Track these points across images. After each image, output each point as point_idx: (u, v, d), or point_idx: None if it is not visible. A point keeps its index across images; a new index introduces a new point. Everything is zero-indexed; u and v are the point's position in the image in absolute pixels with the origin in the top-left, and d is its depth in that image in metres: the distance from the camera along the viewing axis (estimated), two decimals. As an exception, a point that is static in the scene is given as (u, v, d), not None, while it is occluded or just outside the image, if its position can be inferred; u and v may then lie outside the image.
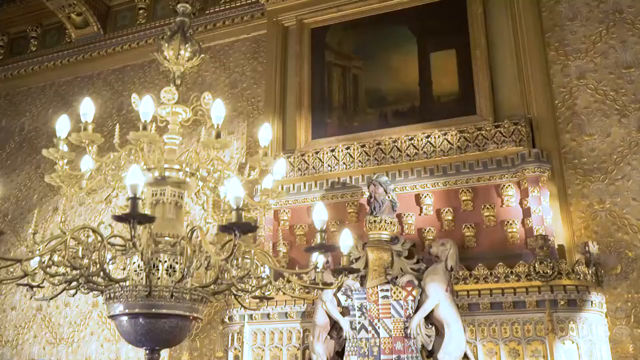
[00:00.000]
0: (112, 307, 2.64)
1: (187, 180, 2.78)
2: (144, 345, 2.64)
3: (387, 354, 5.46)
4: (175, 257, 2.61)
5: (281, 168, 2.97)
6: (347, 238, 2.77)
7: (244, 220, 2.06)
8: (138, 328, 2.54)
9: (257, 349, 6.07)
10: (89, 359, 7.67)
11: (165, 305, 2.52)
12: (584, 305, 5.20)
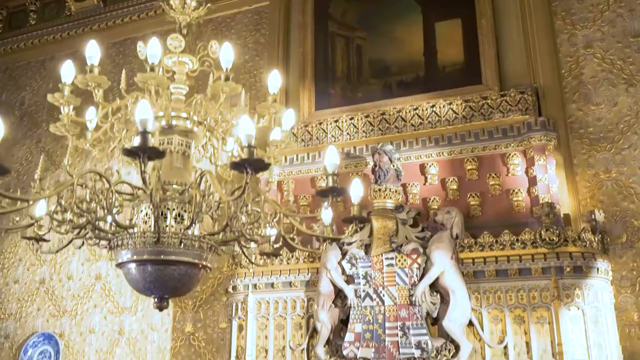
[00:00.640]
0: (119, 255, 2.60)
1: (195, 129, 2.73)
2: (153, 293, 2.60)
3: (391, 321, 5.45)
4: (183, 205, 2.57)
5: (290, 118, 2.92)
6: (358, 187, 2.73)
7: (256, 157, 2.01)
8: (146, 275, 2.51)
9: (262, 318, 6.07)
10: (93, 331, 7.68)
11: (174, 252, 2.48)
12: (589, 272, 5.18)
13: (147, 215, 2.56)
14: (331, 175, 2.41)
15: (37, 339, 7.88)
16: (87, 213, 2.40)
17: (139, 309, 7.54)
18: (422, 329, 5.33)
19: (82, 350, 7.66)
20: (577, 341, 5.01)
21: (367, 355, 5.44)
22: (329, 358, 5.60)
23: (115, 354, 7.48)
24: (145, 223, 2.55)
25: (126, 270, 2.61)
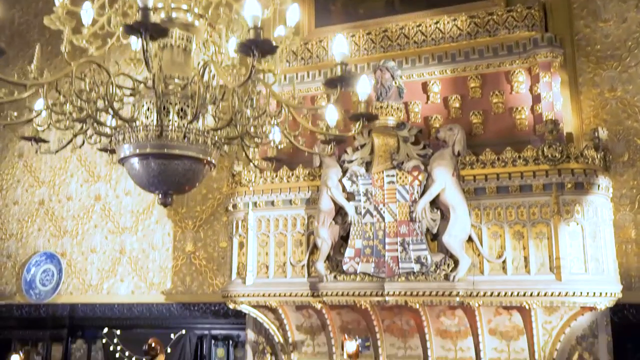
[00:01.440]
0: (121, 150, 2.54)
1: (196, 23, 2.62)
2: (157, 188, 2.57)
3: (391, 237, 5.49)
4: (186, 100, 2.49)
5: (295, 14, 2.80)
6: (365, 84, 2.65)
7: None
8: (150, 170, 2.46)
9: (262, 235, 6.10)
10: (94, 250, 7.76)
11: (178, 146, 2.43)
12: (590, 188, 5.18)
13: (149, 110, 2.48)
14: (340, 65, 2.31)
15: (39, 258, 7.97)
16: (86, 103, 2.32)
17: (139, 229, 7.59)
18: (422, 245, 5.38)
19: (84, 268, 7.76)
20: (574, 255, 5.06)
21: (367, 270, 5.51)
22: (329, 273, 5.67)
23: (117, 272, 7.59)
24: (147, 118, 2.48)
25: (129, 165, 2.55)
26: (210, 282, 7.12)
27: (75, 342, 7.60)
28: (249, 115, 2.48)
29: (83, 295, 7.66)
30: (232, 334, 6.95)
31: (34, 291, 7.85)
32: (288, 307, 6.04)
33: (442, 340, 5.67)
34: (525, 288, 5.08)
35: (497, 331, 5.48)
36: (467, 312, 5.43)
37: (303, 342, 6.20)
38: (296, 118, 2.57)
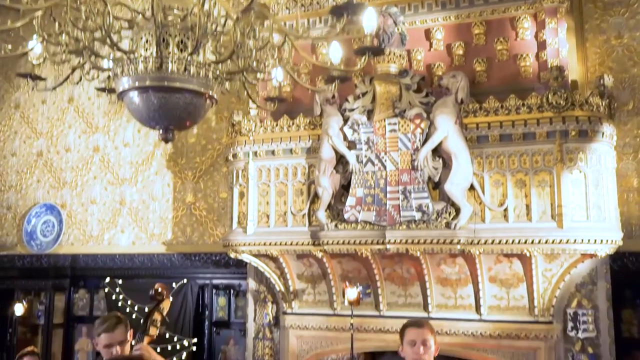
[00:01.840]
0: (120, 84, 2.47)
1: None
2: (157, 123, 2.51)
3: (393, 185, 5.47)
4: (186, 32, 2.41)
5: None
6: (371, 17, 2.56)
7: None
8: (150, 104, 2.40)
9: (263, 184, 6.08)
10: (94, 202, 7.75)
11: (179, 79, 2.36)
12: (594, 136, 5.13)
13: (147, 42, 2.40)
14: (345, -8, 2.22)
15: (39, 210, 7.97)
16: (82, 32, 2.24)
17: (138, 180, 7.56)
18: (424, 193, 5.36)
19: (84, 219, 7.77)
20: (577, 203, 5.05)
21: (368, 219, 5.51)
22: (330, 222, 5.66)
23: (118, 223, 7.60)
24: (146, 50, 2.40)
25: (128, 100, 2.49)
26: (211, 232, 7.14)
27: (77, 291, 7.67)
28: (251, 46, 2.41)
29: (84, 246, 7.69)
30: (234, 283, 7.00)
31: (35, 242, 7.87)
32: (289, 256, 6.06)
33: (442, 288, 5.70)
34: (527, 236, 5.08)
35: (497, 279, 5.51)
36: (468, 260, 5.44)
37: (304, 291, 6.25)
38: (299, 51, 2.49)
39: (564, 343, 5.41)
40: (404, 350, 3.31)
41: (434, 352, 3.32)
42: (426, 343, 3.23)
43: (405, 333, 3.33)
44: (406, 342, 3.29)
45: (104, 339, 3.64)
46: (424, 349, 3.20)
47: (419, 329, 3.29)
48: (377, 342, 5.99)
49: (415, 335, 3.25)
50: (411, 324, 3.42)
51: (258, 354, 6.45)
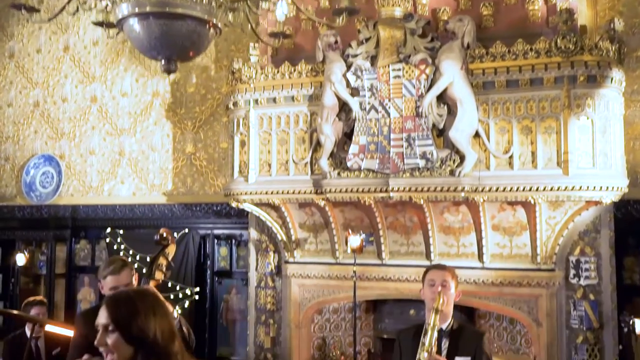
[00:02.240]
0: (119, 10, 2.36)
1: None
2: (159, 53, 2.41)
3: (397, 133, 5.38)
4: (187, -44, 2.29)
5: None
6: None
7: None
8: (151, 32, 2.29)
9: (264, 133, 5.99)
10: (93, 152, 7.67)
11: (181, 4, 2.25)
12: (603, 81, 5.02)
13: (147, -34, 2.28)
14: None
15: (37, 161, 7.89)
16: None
17: (137, 130, 7.46)
18: (428, 140, 5.28)
19: (83, 170, 7.70)
20: (583, 150, 4.98)
21: (371, 167, 5.45)
22: (332, 170, 5.60)
23: (118, 174, 7.53)
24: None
25: (128, 28, 2.38)
26: (212, 182, 7.08)
27: (78, 242, 7.66)
28: (256, -30, 2.29)
29: (84, 197, 7.64)
30: (235, 233, 6.99)
31: (35, 193, 7.83)
32: (291, 205, 6.02)
33: (445, 236, 5.69)
34: (532, 183, 5.03)
35: (500, 227, 5.49)
36: (471, 208, 5.41)
37: (306, 240, 6.24)
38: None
39: (566, 290, 5.42)
40: (424, 291, 3.33)
41: (455, 297, 3.31)
42: (446, 284, 3.24)
43: (426, 275, 3.35)
44: (426, 282, 3.31)
45: (110, 281, 3.63)
46: (443, 290, 3.20)
47: (440, 270, 3.34)
48: (379, 291, 6.02)
49: (435, 276, 3.28)
50: (433, 266, 3.52)
51: (260, 303, 6.48)
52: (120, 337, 1.91)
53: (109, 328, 1.93)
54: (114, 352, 1.93)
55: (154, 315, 1.97)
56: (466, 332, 3.34)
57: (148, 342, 1.93)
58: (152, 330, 1.94)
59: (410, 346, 3.30)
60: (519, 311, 5.55)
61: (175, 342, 2.00)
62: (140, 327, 1.93)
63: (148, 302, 2.01)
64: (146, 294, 2.10)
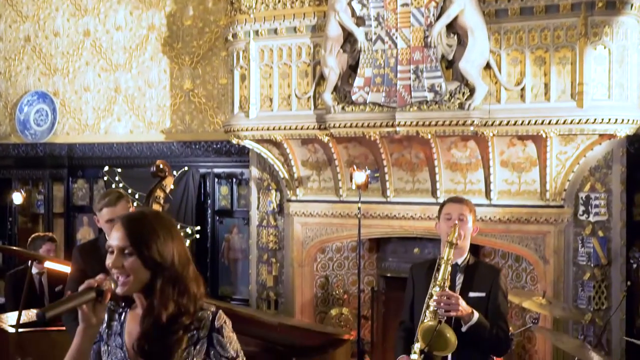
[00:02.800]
0: None
1: None
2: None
3: (404, 64, 5.16)
4: None
5: None
6: None
7: None
8: None
9: (265, 66, 5.76)
10: (88, 89, 7.43)
11: None
12: (623, 7, 4.76)
13: None
14: None
15: (31, 98, 7.66)
16: None
17: (133, 66, 7.20)
18: (436, 72, 5.06)
19: (79, 108, 7.48)
20: (598, 81, 4.78)
21: (377, 100, 5.25)
22: (337, 104, 5.41)
23: (114, 111, 7.32)
24: None
25: None
26: (211, 120, 6.88)
27: (76, 181, 7.51)
28: None
29: (80, 135, 7.45)
30: (236, 171, 6.83)
31: (29, 131, 7.63)
32: (293, 142, 5.84)
33: (452, 173, 5.55)
34: (544, 116, 4.85)
35: (509, 163, 5.35)
36: (480, 143, 5.25)
37: (309, 178, 6.10)
38: None
39: (574, 227, 5.33)
40: (440, 225, 3.21)
41: (472, 232, 3.19)
42: (463, 218, 3.12)
43: (443, 208, 3.23)
44: (443, 216, 3.20)
45: (106, 213, 3.52)
46: (460, 224, 3.07)
47: (458, 204, 3.20)
48: (383, 229, 5.92)
49: (452, 209, 3.15)
50: (451, 199, 3.32)
51: (262, 242, 6.40)
52: (138, 260, 1.79)
53: (126, 251, 1.80)
54: (129, 276, 1.80)
55: (172, 238, 1.85)
56: (482, 267, 3.24)
57: (166, 266, 1.81)
58: (170, 253, 1.83)
59: (423, 280, 3.21)
60: (525, 248, 5.47)
61: (190, 267, 1.89)
62: (159, 250, 1.80)
63: (165, 223, 1.88)
64: (161, 215, 1.97)
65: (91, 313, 1.75)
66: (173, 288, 1.82)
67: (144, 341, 1.83)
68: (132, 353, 1.87)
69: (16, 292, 5.33)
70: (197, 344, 1.86)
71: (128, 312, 1.96)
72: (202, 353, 1.87)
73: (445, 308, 2.96)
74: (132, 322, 1.91)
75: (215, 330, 1.88)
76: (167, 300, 1.81)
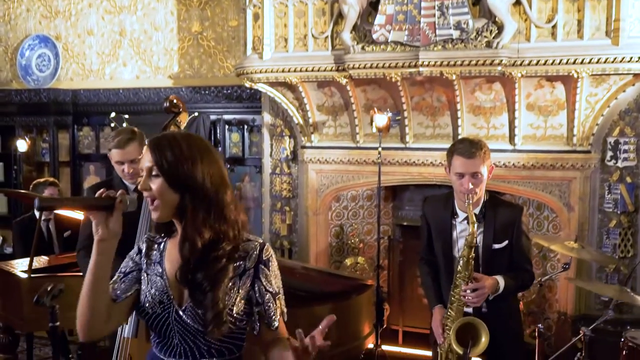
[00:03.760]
0: None
1: None
2: None
3: (428, 0, 4.88)
4: None
5: None
6: None
7: None
8: None
9: (279, 5, 5.46)
10: (91, 33, 7.13)
11: None
12: (664, -62, 4.47)
13: None
14: None
15: (32, 42, 7.36)
16: None
17: (138, 7, 6.88)
18: (463, 8, 4.79)
19: (82, 52, 7.20)
20: (636, 17, 4.52)
21: (399, 39, 4.99)
22: (356, 44, 5.15)
23: (119, 55, 7.04)
24: None
25: None
26: (221, 64, 6.61)
27: (81, 129, 7.29)
28: None
29: (85, 81, 7.18)
30: (247, 118, 6.61)
31: (32, 77, 7.35)
32: (309, 85, 5.60)
33: (475, 117, 5.34)
34: (576, 55, 4.60)
35: (535, 106, 5.13)
36: (506, 84, 5.02)
37: (324, 123, 5.89)
38: None
39: (601, 173, 5.15)
40: (450, 177, 2.95)
41: (488, 176, 2.97)
42: (477, 176, 2.84)
43: (452, 160, 2.90)
44: (453, 171, 2.90)
45: (115, 155, 3.36)
46: (473, 182, 2.81)
47: (470, 160, 2.83)
48: (401, 176, 5.74)
49: (464, 168, 2.84)
50: (460, 152, 2.87)
51: (275, 190, 6.23)
52: (165, 182, 1.70)
53: (153, 172, 1.71)
54: (157, 199, 1.71)
55: (202, 160, 1.73)
56: (502, 210, 3.00)
57: (196, 188, 1.70)
58: (200, 175, 1.71)
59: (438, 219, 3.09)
60: (549, 195, 5.30)
61: (227, 191, 1.77)
62: (187, 172, 1.70)
63: (196, 145, 1.76)
64: (194, 137, 1.83)
65: (102, 223, 1.67)
66: (207, 212, 1.72)
67: (186, 268, 1.72)
68: (172, 281, 1.78)
69: (24, 239, 5.21)
70: (244, 275, 1.78)
71: (168, 241, 1.86)
72: (248, 285, 1.78)
73: (474, 302, 2.83)
74: (173, 250, 1.82)
75: (262, 262, 1.80)
76: (200, 225, 1.71)
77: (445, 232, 3.04)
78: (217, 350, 1.77)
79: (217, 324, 1.68)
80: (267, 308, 1.78)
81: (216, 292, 1.68)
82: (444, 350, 2.96)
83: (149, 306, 1.77)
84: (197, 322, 1.72)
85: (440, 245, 3.08)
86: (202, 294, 1.69)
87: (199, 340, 1.75)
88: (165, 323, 1.76)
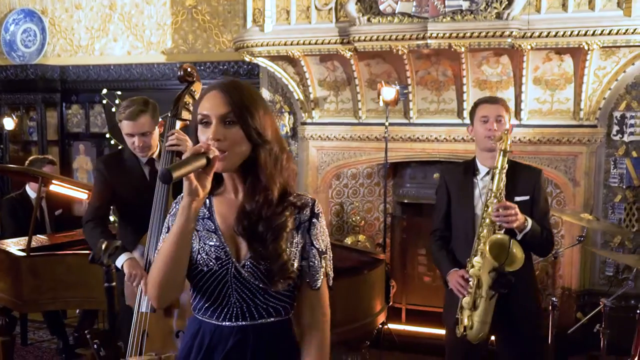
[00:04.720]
0: None
1: None
2: None
3: (437, -30, 4.77)
4: None
5: None
6: None
7: None
8: None
9: (281, -25, 5.31)
10: (79, 7, 6.90)
11: None
12: None
13: None
14: None
15: (17, 16, 7.08)
16: None
17: (129, -20, 6.65)
18: (473, -22, 4.70)
19: (70, 27, 6.94)
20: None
21: (407, 10, 4.89)
22: (362, 16, 5.03)
23: (109, 30, 6.81)
24: None
25: None
26: (217, 39, 6.43)
27: (70, 107, 7.05)
28: None
29: (73, 57, 6.94)
30: (244, 94, 6.44)
31: (17, 53, 7.08)
32: (311, 59, 5.47)
33: (480, 92, 5.25)
34: (587, 26, 4.55)
35: (542, 80, 5.07)
36: (514, 58, 4.95)
37: (325, 99, 5.77)
38: None
39: (607, 147, 5.13)
40: (475, 129, 3.04)
41: (509, 132, 2.97)
42: (500, 120, 2.96)
43: (476, 110, 3.05)
44: (478, 118, 3.01)
45: (125, 127, 3.19)
46: (497, 126, 2.92)
47: (493, 104, 3.02)
48: (405, 152, 5.65)
49: (488, 111, 2.98)
50: (483, 100, 3.11)
51: (274, 168, 6.09)
52: (241, 130, 1.56)
53: (227, 119, 1.55)
54: (229, 149, 1.55)
55: (269, 113, 1.65)
56: (521, 169, 3.05)
57: (267, 139, 1.60)
58: (270, 128, 1.62)
59: (459, 185, 3.06)
60: (555, 170, 5.26)
61: (286, 147, 1.70)
62: (261, 121, 1.58)
63: (261, 96, 1.69)
64: (252, 86, 1.71)
65: (197, 184, 1.50)
66: (275, 165, 1.63)
67: (249, 221, 1.62)
68: (228, 236, 1.67)
69: (14, 217, 5.02)
70: (300, 227, 1.70)
71: (212, 198, 1.73)
72: (303, 239, 1.71)
73: (505, 220, 2.79)
74: (223, 205, 1.70)
75: (315, 215, 1.73)
76: (274, 176, 1.62)
77: (467, 191, 3.04)
78: (274, 308, 1.67)
79: (283, 275, 1.60)
80: (311, 265, 1.70)
81: (280, 243, 1.60)
82: (460, 326, 2.89)
83: (204, 263, 1.65)
84: (257, 277, 1.62)
85: (462, 206, 3.06)
86: (264, 246, 1.60)
87: (258, 298, 1.65)
88: (222, 281, 1.64)
